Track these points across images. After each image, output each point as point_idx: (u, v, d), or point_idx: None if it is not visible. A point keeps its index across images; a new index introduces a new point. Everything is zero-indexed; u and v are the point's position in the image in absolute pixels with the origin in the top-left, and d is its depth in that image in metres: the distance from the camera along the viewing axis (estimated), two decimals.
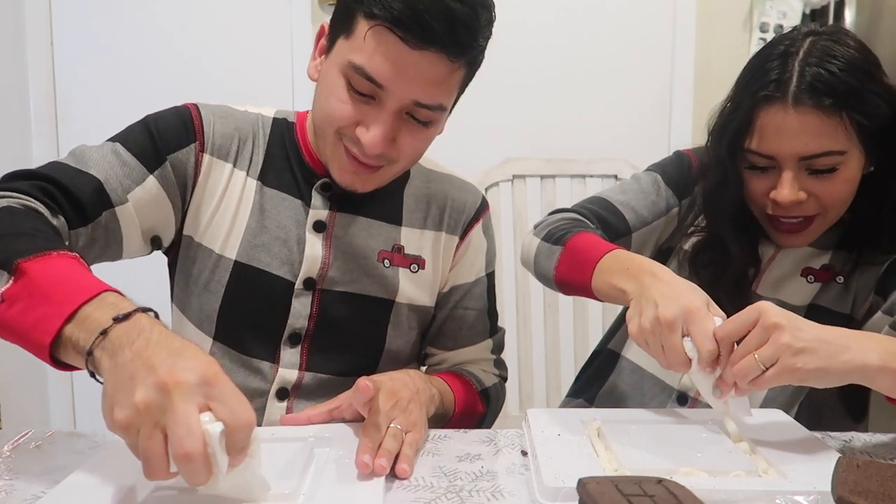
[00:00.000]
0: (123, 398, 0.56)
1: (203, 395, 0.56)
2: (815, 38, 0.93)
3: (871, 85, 0.90)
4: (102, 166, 0.87)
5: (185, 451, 0.54)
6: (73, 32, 2.21)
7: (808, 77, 0.89)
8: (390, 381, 0.83)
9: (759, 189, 0.97)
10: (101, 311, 0.63)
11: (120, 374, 0.58)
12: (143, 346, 0.59)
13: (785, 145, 0.91)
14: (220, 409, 0.57)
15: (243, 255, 0.94)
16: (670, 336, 0.77)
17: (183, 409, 0.55)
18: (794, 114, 0.89)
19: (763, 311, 0.74)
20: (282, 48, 2.18)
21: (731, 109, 0.98)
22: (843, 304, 1.02)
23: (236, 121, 0.98)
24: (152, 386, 0.56)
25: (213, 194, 0.95)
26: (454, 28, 0.80)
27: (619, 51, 2.26)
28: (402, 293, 1.00)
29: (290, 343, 0.96)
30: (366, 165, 0.89)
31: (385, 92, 0.83)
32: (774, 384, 0.74)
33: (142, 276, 1.10)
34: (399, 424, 0.77)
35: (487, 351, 1.09)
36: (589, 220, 1.07)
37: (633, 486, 0.59)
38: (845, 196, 0.95)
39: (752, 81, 0.94)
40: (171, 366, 0.57)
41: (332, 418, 0.84)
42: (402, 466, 0.73)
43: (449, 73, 0.84)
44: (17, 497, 0.68)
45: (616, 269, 0.89)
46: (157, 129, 0.92)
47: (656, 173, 1.13)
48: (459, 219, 1.04)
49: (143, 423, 0.56)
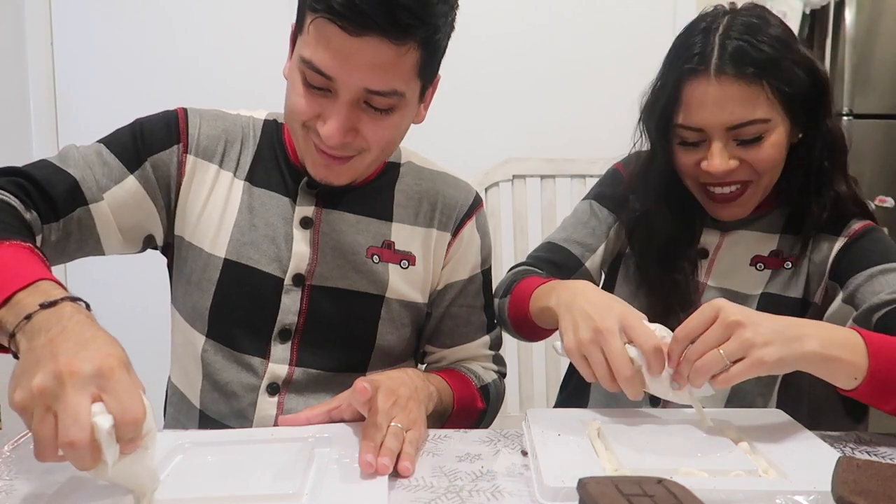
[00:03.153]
0: (24, 381, 0.59)
1: (97, 386, 0.58)
2: (734, 14, 0.98)
3: (789, 54, 0.94)
4: (81, 165, 0.90)
5: (70, 440, 0.56)
6: (73, 32, 2.21)
7: (728, 49, 0.93)
8: (388, 381, 0.83)
9: (691, 162, 1.00)
10: (32, 298, 0.66)
11: (29, 358, 0.61)
12: (58, 333, 0.62)
13: (710, 116, 0.95)
14: (111, 402, 0.58)
15: (233, 253, 0.95)
16: (612, 342, 0.78)
17: (73, 399, 0.57)
18: (717, 84, 0.93)
19: (721, 308, 0.77)
20: (281, 48, 2.18)
21: (659, 87, 1.02)
22: (794, 288, 1.04)
23: (225, 123, 1.00)
24: (49, 373, 0.58)
25: (199, 194, 0.97)
26: (392, 12, 0.78)
27: (619, 51, 2.26)
28: (392, 289, 1.00)
29: (280, 339, 0.97)
30: (335, 157, 0.89)
31: (336, 83, 0.83)
32: (743, 378, 0.75)
33: (146, 278, 1.10)
34: (399, 423, 0.77)
35: (485, 347, 1.10)
36: (539, 268, 1.13)
37: (633, 486, 0.59)
38: (775, 161, 0.98)
39: (676, 57, 0.99)
40: (73, 356, 0.59)
41: (331, 419, 0.84)
42: (404, 465, 0.73)
43: (396, 57, 0.82)
44: (17, 497, 0.68)
45: (544, 292, 0.95)
46: (141, 132, 0.95)
47: (590, 199, 1.18)
48: (451, 215, 1.04)
49: (36, 406, 0.58)
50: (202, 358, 0.97)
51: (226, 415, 0.97)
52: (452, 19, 0.87)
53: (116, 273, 2.06)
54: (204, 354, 0.97)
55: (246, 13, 2.22)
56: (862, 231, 1.01)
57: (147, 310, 1.16)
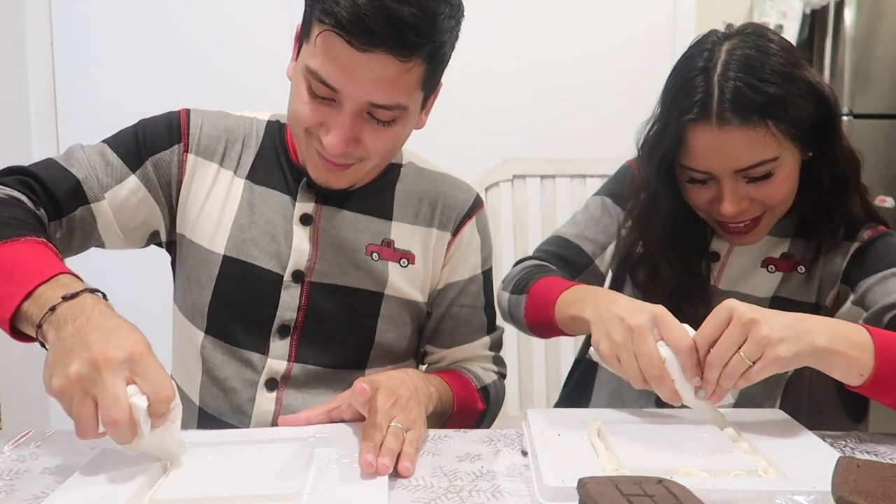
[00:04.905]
0: (61, 369, 0.65)
1: (129, 370, 0.65)
2: (731, 45, 0.92)
3: (793, 87, 0.90)
4: (85, 165, 0.93)
5: (113, 419, 0.63)
6: (73, 32, 2.21)
7: (728, 94, 0.89)
8: (388, 381, 0.83)
9: (702, 199, 0.98)
10: (54, 291, 0.72)
11: (60, 347, 0.67)
12: (84, 323, 0.68)
13: (717, 162, 0.92)
14: (144, 385, 0.66)
15: (232, 250, 0.96)
16: (644, 342, 0.78)
17: (111, 383, 0.64)
18: (720, 132, 0.90)
19: (733, 308, 0.76)
20: (282, 49, 2.18)
21: (659, 129, 0.98)
22: (807, 293, 1.04)
23: (227, 124, 1.01)
24: (85, 361, 0.64)
25: (200, 192, 0.98)
26: (399, 29, 0.79)
27: (618, 51, 2.26)
28: (391, 286, 1.00)
29: (279, 335, 0.97)
30: (336, 164, 0.90)
31: (340, 94, 0.84)
32: (763, 377, 0.75)
33: (147, 277, 1.11)
34: (399, 423, 0.77)
35: (485, 348, 1.10)
36: (549, 262, 1.11)
37: (633, 486, 0.59)
38: (786, 193, 0.96)
39: (674, 103, 0.94)
40: (104, 344, 0.65)
41: (331, 419, 0.84)
42: (404, 465, 0.73)
43: (401, 73, 0.83)
44: (17, 497, 0.68)
45: (573, 300, 0.92)
46: (143, 132, 0.97)
47: (602, 195, 1.16)
48: (451, 215, 1.05)
49: (75, 392, 0.65)
50: (202, 354, 0.97)
51: (224, 411, 0.97)
52: (457, 32, 0.88)
53: (118, 272, 2.05)
54: (203, 350, 0.97)
55: (246, 13, 2.22)
56: (875, 236, 1.01)
57: (148, 308, 1.16)
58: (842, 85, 2.14)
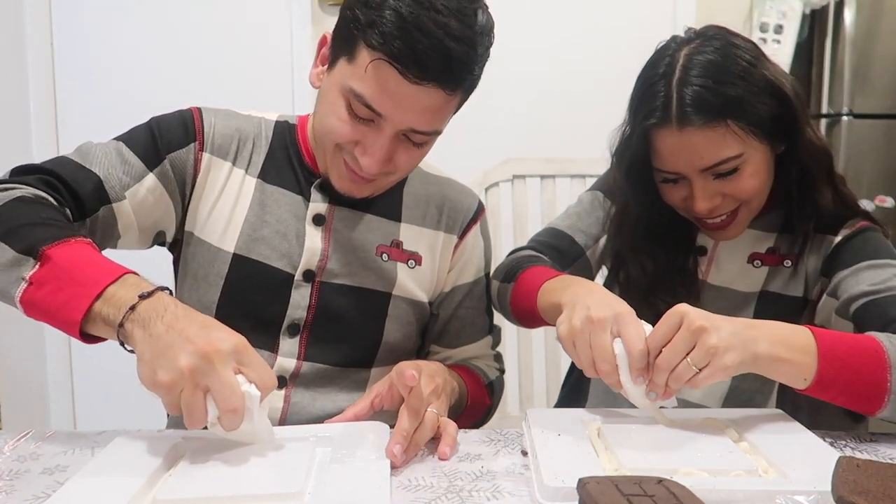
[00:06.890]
0: (166, 364, 0.67)
1: (236, 360, 0.69)
2: (690, 49, 0.95)
3: (750, 85, 0.93)
4: (104, 164, 0.92)
5: (233, 407, 0.67)
6: (73, 32, 2.21)
7: (686, 98, 0.92)
8: (427, 367, 0.86)
9: (677, 198, 1.01)
10: (126, 290, 0.73)
11: (156, 343, 0.68)
12: (173, 319, 0.70)
13: (682, 163, 0.96)
14: (251, 374, 0.70)
15: (242, 249, 0.97)
16: (600, 334, 0.79)
17: (224, 374, 0.67)
18: (681, 135, 0.93)
19: (684, 314, 0.77)
20: (282, 49, 2.18)
21: (627, 135, 1.02)
22: (794, 287, 1.05)
23: (238, 123, 1.01)
24: (194, 354, 0.67)
25: (213, 191, 0.98)
26: (451, 66, 0.84)
27: (618, 51, 2.25)
28: (399, 287, 1.02)
29: (289, 333, 0.98)
30: (364, 178, 0.93)
31: (384, 119, 0.87)
32: (709, 384, 0.77)
33: (149, 277, 1.11)
34: (435, 409, 0.80)
35: (488, 347, 1.13)
36: (542, 252, 1.13)
37: (633, 486, 0.59)
38: (757, 187, 0.98)
39: (638, 109, 0.98)
40: (207, 337, 0.68)
41: (374, 409, 0.86)
42: (443, 450, 0.77)
43: (445, 103, 0.88)
44: (17, 497, 0.68)
45: (556, 288, 0.94)
46: (158, 130, 0.96)
47: (595, 190, 1.18)
48: (458, 219, 1.07)
49: (185, 384, 0.67)
50: None
51: None
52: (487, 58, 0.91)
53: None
54: None
55: (246, 14, 2.21)
56: (856, 230, 1.01)
57: None
58: (842, 85, 2.15)
